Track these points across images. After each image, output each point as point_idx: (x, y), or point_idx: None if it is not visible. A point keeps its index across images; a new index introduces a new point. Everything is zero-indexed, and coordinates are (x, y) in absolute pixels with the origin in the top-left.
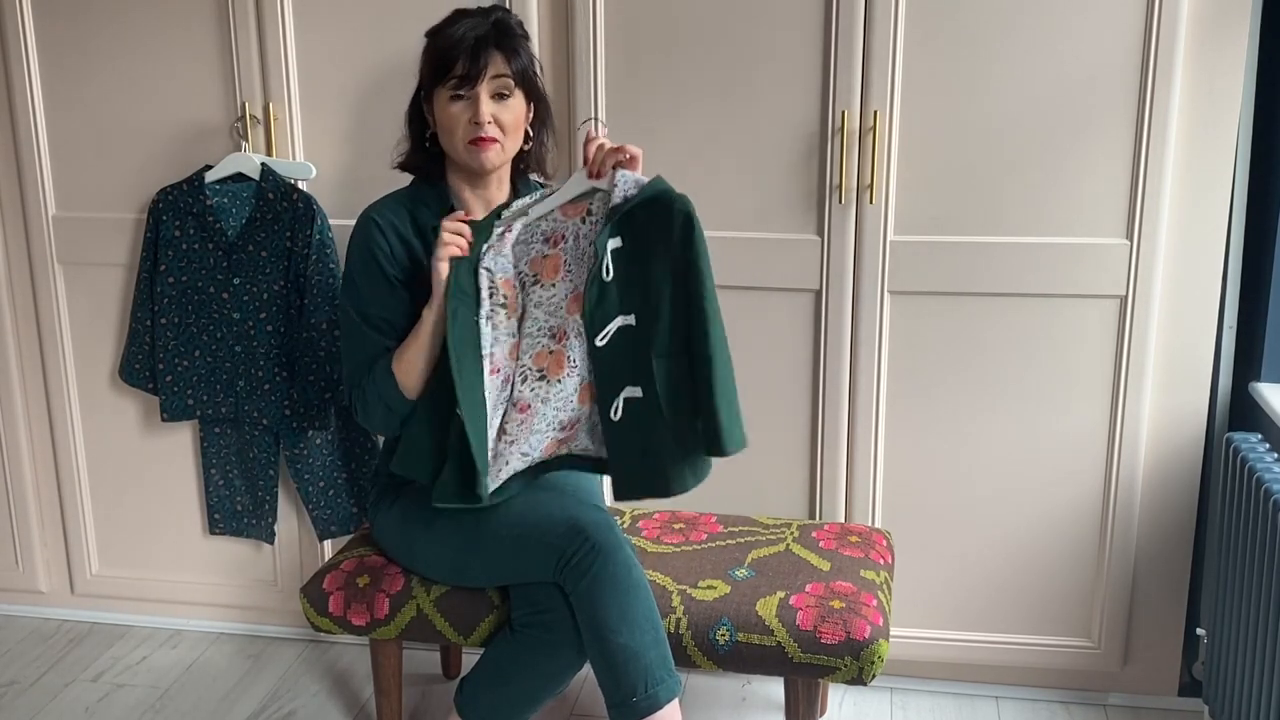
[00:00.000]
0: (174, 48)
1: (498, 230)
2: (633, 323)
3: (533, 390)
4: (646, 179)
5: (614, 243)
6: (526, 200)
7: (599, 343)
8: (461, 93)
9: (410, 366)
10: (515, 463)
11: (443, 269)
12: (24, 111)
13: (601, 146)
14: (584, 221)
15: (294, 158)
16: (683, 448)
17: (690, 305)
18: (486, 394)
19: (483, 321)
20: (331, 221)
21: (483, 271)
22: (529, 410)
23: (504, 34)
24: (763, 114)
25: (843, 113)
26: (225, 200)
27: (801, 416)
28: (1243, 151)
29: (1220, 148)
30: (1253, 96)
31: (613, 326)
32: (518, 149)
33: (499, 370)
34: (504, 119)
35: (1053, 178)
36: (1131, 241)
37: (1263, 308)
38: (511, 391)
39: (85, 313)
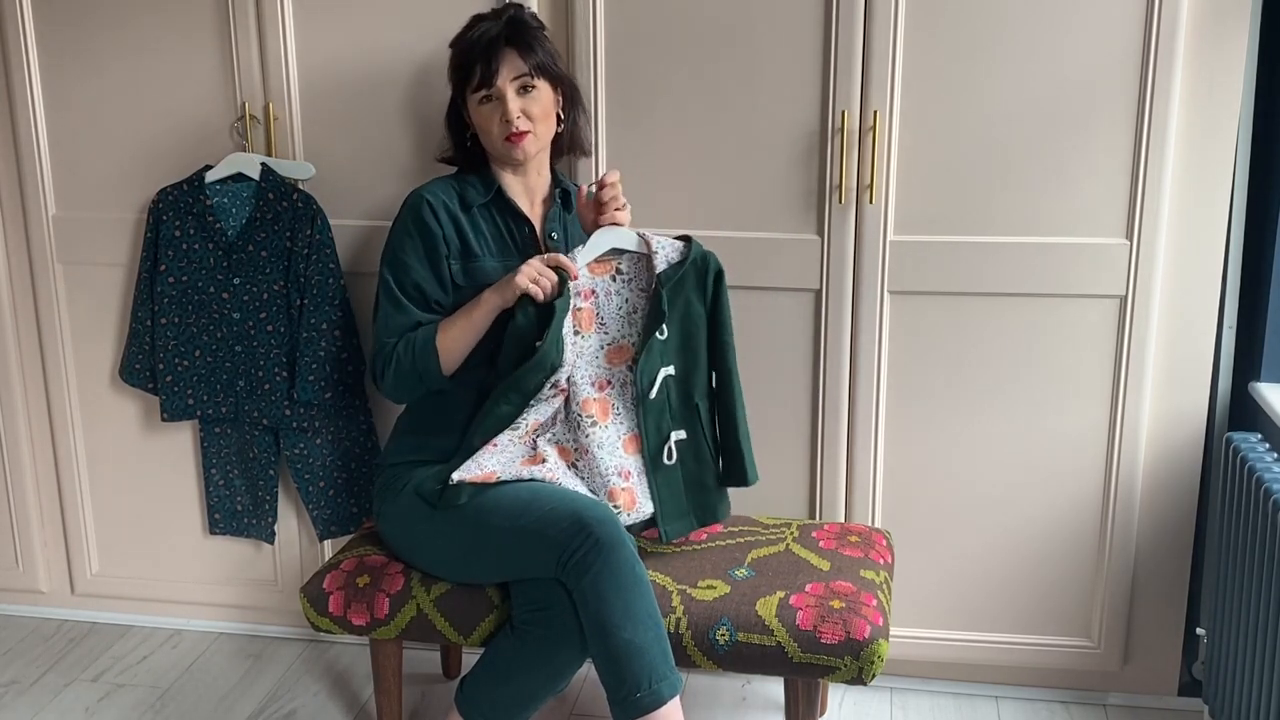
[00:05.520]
0: (174, 48)
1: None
2: (673, 372)
3: (588, 436)
4: (681, 243)
5: (665, 302)
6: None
7: (652, 396)
8: (488, 94)
9: (455, 343)
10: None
11: (522, 285)
12: (24, 111)
13: (616, 185)
14: (614, 279)
15: (294, 158)
16: (718, 479)
17: (717, 352)
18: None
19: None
20: (331, 221)
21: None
22: (588, 455)
23: (517, 31)
24: (763, 114)
25: (843, 113)
26: (225, 200)
27: (801, 416)
28: (1243, 151)
29: (1220, 148)
30: (1253, 96)
31: (660, 377)
32: (553, 134)
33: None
34: (533, 111)
35: (1053, 178)
36: (1131, 241)
37: (1263, 308)
38: (560, 435)
39: (85, 313)
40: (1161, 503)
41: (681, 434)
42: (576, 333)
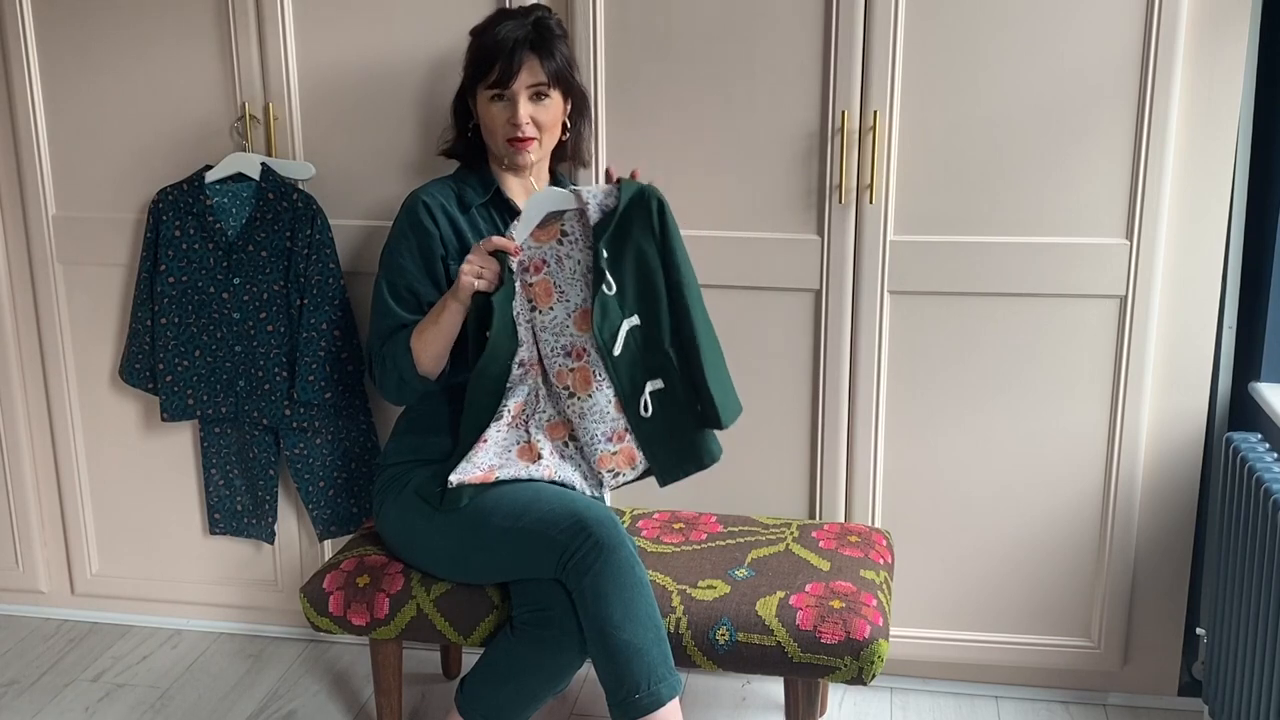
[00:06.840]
0: (174, 48)
1: (514, 266)
2: (637, 322)
3: (569, 408)
4: (610, 186)
5: (605, 254)
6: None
7: (616, 352)
8: (501, 94)
9: (427, 346)
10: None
11: (468, 284)
12: (24, 111)
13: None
14: (561, 243)
15: (294, 158)
16: (701, 422)
17: (673, 290)
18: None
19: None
20: (331, 221)
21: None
22: (569, 427)
23: (542, 36)
24: (763, 114)
25: (843, 113)
26: (225, 200)
27: (801, 416)
28: (1243, 151)
29: (1220, 148)
30: (1253, 96)
31: (622, 332)
32: (555, 142)
33: (530, 367)
34: (542, 118)
35: (1053, 178)
36: (1131, 241)
37: (1263, 308)
38: (548, 412)
39: (85, 313)
40: (1161, 503)
41: (658, 383)
42: (534, 309)
